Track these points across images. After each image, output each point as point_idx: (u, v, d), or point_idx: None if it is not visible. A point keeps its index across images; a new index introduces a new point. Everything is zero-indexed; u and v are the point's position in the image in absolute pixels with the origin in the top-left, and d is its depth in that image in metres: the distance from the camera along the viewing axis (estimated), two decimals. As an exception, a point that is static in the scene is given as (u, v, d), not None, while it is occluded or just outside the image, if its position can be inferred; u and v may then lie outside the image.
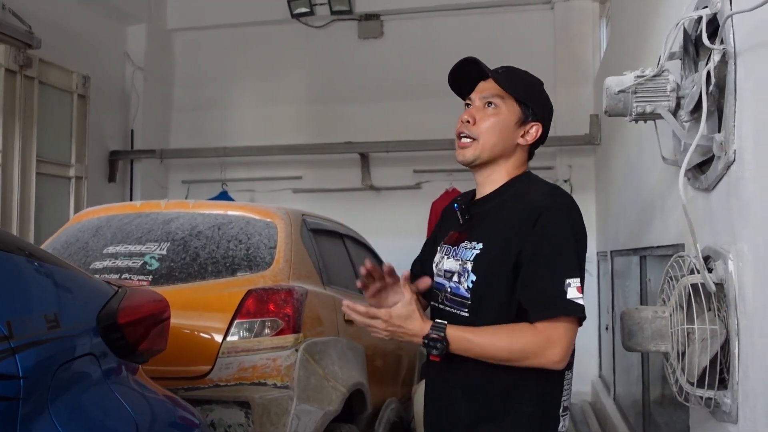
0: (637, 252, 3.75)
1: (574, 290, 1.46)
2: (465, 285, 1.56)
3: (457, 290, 1.59)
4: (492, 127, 1.61)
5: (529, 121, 1.65)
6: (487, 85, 1.65)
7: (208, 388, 2.49)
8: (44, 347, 1.20)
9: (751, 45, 1.67)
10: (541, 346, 1.44)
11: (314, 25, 7.42)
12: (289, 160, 7.25)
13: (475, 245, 1.58)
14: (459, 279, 1.58)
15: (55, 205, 5.82)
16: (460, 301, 1.58)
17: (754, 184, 1.65)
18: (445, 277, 1.64)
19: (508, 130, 1.62)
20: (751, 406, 1.64)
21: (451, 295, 1.60)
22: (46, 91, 5.63)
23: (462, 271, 1.58)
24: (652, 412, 3.62)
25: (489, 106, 1.63)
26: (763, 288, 1.58)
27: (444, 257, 1.66)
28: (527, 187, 1.62)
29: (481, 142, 1.61)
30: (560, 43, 6.81)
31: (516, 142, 1.64)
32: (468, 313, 1.55)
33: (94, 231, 3.15)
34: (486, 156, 1.62)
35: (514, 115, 1.63)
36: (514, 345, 1.45)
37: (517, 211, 1.54)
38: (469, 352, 1.47)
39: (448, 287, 1.62)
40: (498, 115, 1.62)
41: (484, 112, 1.63)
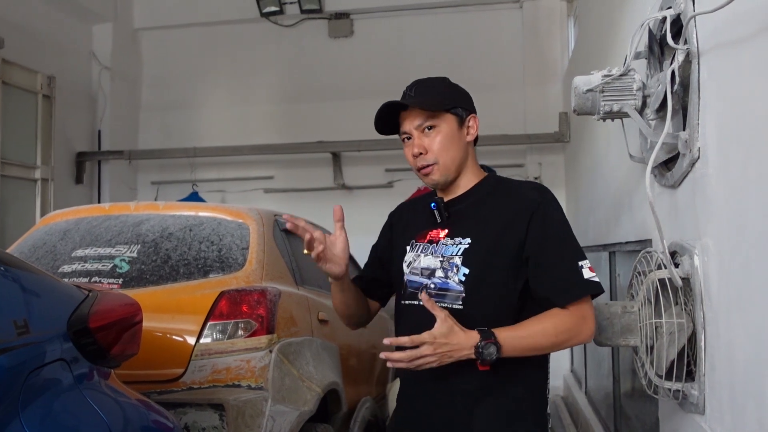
0: (607, 248, 3.81)
1: (588, 270, 1.58)
2: (455, 278, 1.61)
3: (445, 284, 1.63)
4: (443, 146, 1.67)
5: (465, 118, 1.72)
6: (413, 113, 1.68)
7: (182, 391, 2.47)
8: (14, 354, 1.18)
9: (713, 45, 1.71)
10: (579, 325, 1.55)
11: (284, 24, 7.39)
12: (260, 160, 7.21)
13: (461, 240, 1.64)
14: (445, 274, 1.63)
15: (20, 208, 5.71)
16: (452, 295, 1.62)
17: (717, 180, 1.69)
18: (423, 274, 1.68)
19: (456, 139, 1.69)
20: (718, 397, 1.68)
21: (437, 290, 1.64)
22: (9, 92, 5.52)
23: (448, 266, 1.63)
24: (623, 404, 3.68)
25: (428, 130, 1.68)
26: (728, 282, 1.62)
27: (420, 255, 1.70)
28: (506, 184, 1.74)
29: (441, 162, 1.67)
30: (529, 41, 6.88)
31: (465, 143, 1.72)
32: (462, 304, 1.60)
33: (61, 234, 3.10)
34: (453, 170, 1.70)
35: (452, 122, 1.69)
36: (560, 328, 1.54)
37: (507, 206, 1.64)
38: (520, 348, 1.52)
39: (430, 283, 1.65)
40: (441, 133, 1.67)
41: (428, 138, 1.67)
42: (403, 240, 1.79)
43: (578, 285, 1.56)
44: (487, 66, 6.90)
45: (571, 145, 6.13)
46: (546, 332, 1.54)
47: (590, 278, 1.57)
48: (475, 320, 1.55)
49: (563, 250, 1.60)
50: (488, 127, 6.51)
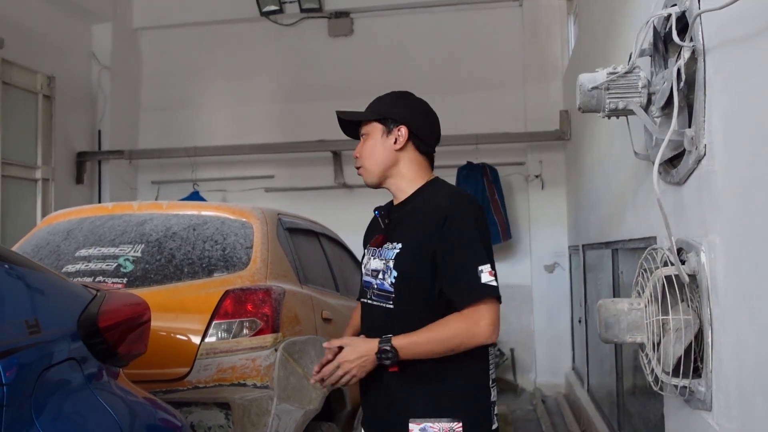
0: (609, 245, 3.81)
1: (486, 275, 1.67)
2: (388, 281, 1.77)
3: (382, 286, 1.80)
4: (366, 152, 1.87)
5: (393, 127, 1.85)
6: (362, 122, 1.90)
7: (187, 390, 2.47)
8: (26, 353, 1.18)
9: (719, 42, 1.71)
10: (470, 328, 1.65)
11: (284, 23, 7.38)
12: (260, 159, 7.21)
13: (396, 245, 1.79)
14: (383, 276, 1.79)
15: (21, 208, 5.71)
16: (385, 295, 1.78)
17: (724, 177, 1.70)
18: (372, 275, 1.85)
19: (379, 145, 1.85)
20: (725, 393, 1.69)
21: (377, 290, 1.82)
22: (10, 92, 5.51)
23: (386, 268, 1.79)
24: (626, 401, 3.69)
25: (363, 137, 1.89)
26: (735, 278, 1.62)
27: (371, 258, 1.87)
28: (434, 192, 1.85)
29: (365, 166, 1.87)
30: (529, 39, 6.89)
31: (393, 150, 1.85)
32: (392, 304, 1.76)
33: (65, 234, 3.09)
34: (376, 173, 1.87)
35: (378, 131, 1.86)
36: (448, 332, 1.66)
37: (426, 214, 1.76)
38: (417, 353, 1.67)
39: (374, 284, 1.83)
40: (368, 140, 1.87)
41: (360, 145, 1.90)
42: (366, 244, 1.97)
43: (474, 289, 1.66)
44: (487, 64, 6.91)
45: (572, 143, 6.13)
46: (439, 338, 1.66)
47: (487, 282, 1.66)
48: (402, 318, 1.73)
49: (464, 255, 1.69)
50: (489, 126, 6.57)
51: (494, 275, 1.68)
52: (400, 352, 1.66)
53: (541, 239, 6.68)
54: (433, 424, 1.67)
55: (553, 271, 6.63)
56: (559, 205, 6.62)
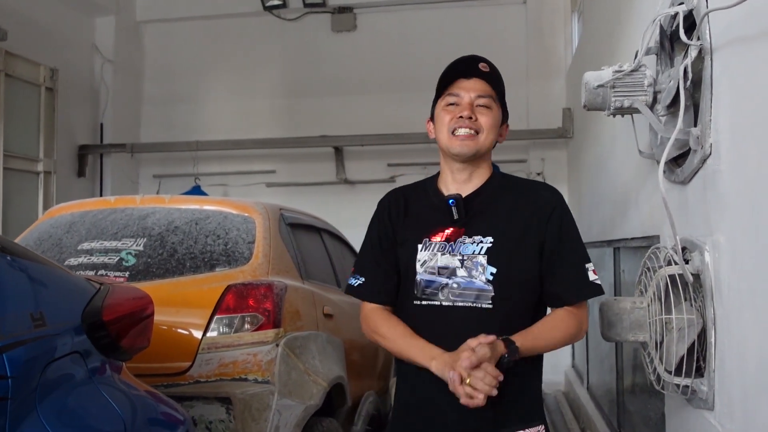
0: (611, 244, 3.81)
1: (592, 273, 1.65)
2: (481, 278, 1.60)
3: (470, 284, 1.61)
4: (491, 126, 1.68)
5: (504, 122, 1.76)
6: (478, 84, 1.69)
7: (189, 384, 2.47)
8: (31, 346, 1.18)
9: (726, 41, 1.71)
10: (579, 325, 1.64)
11: (287, 18, 7.37)
12: (262, 154, 7.21)
13: (482, 239, 1.63)
14: (469, 273, 1.61)
15: (23, 201, 5.71)
16: (478, 294, 1.60)
17: (730, 176, 1.69)
18: (440, 273, 1.63)
19: (497, 130, 1.72)
20: (728, 393, 1.69)
21: (461, 289, 1.61)
22: (12, 84, 5.51)
23: (471, 265, 1.61)
24: (626, 400, 3.69)
25: (481, 107, 1.68)
26: (740, 278, 1.62)
27: (437, 254, 1.65)
28: (515, 182, 1.78)
29: (482, 137, 1.67)
30: (532, 37, 6.88)
31: (496, 140, 1.73)
32: (491, 303, 1.60)
33: (67, 227, 3.09)
34: (483, 150, 1.69)
35: (499, 116, 1.72)
36: (567, 332, 1.62)
37: (524, 205, 1.68)
38: (532, 353, 1.59)
39: (452, 283, 1.61)
40: (492, 115, 1.69)
41: (478, 112, 1.67)
42: (409, 236, 1.71)
43: (585, 287, 1.64)
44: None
45: (575, 141, 6.13)
46: (556, 336, 1.62)
47: (594, 280, 1.65)
48: (503, 319, 1.59)
49: (575, 251, 1.66)
50: (491, 123, 6.55)
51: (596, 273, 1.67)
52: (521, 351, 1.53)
53: (542, 237, 6.67)
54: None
55: (554, 269, 6.63)
56: (560, 203, 6.60)
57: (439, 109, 1.73)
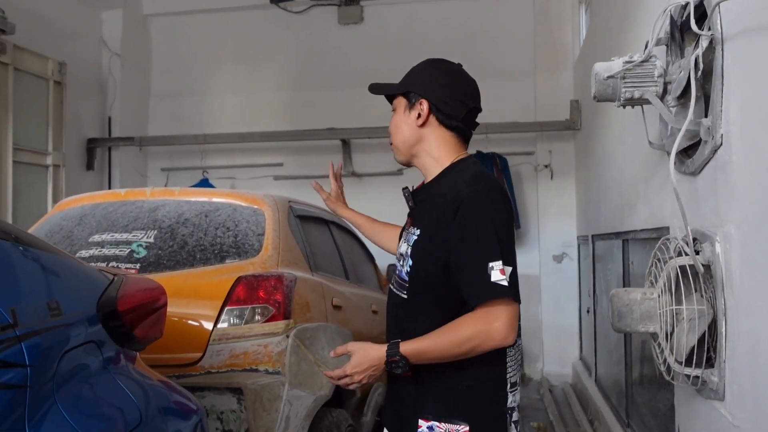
0: (620, 236, 3.81)
1: (498, 273, 1.51)
2: (405, 269, 1.69)
3: (401, 273, 1.71)
4: (392, 127, 1.77)
5: (414, 101, 1.72)
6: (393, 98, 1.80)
7: (200, 375, 2.49)
8: (48, 335, 1.19)
9: (737, 31, 1.70)
10: (485, 329, 1.52)
11: (294, 11, 7.36)
12: (269, 147, 7.21)
13: (416, 231, 1.69)
14: (403, 262, 1.71)
15: (32, 194, 5.74)
16: (401, 284, 1.70)
17: (741, 167, 1.69)
18: (398, 260, 1.76)
19: (403, 122, 1.73)
20: (738, 383, 1.69)
21: (398, 277, 1.74)
22: (21, 78, 5.53)
23: (406, 254, 1.70)
24: (634, 391, 3.70)
25: (392, 113, 1.78)
26: (750, 269, 1.62)
27: (401, 241, 1.78)
28: (457, 175, 1.68)
29: (394, 143, 1.77)
30: (540, 28, 6.85)
31: (416, 126, 1.72)
32: (406, 295, 1.67)
33: (78, 219, 3.11)
34: (402, 151, 1.76)
35: (402, 106, 1.75)
36: (460, 336, 1.53)
37: (444, 200, 1.63)
38: (428, 359, 1.57)
39: (398, 269, 1.74)
40: (395, 116, 1.76)
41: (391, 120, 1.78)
42: None
43: (484, 289, 1.52)
44: (497, 53, 6.87)
45: (582, 133, 6.11)
46: (451, 342, 1.54)
47: (497, 281, 1.51)
48: (413, 310, 1.66)
49: (474, 249, 1.55)
50: (498, 115, 6.54)
51: (507, 272, 1.52)
52: (410, 359, 1.56)
53: (549, 229, 6.68)
54: (440, 424, 1.60)
55: (562, 261, 6.63)
56: (568, 195, 6.60)
57: None
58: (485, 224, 1.55)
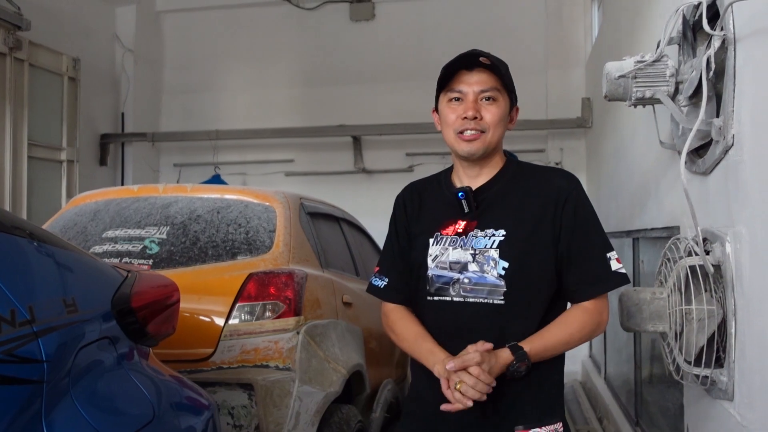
0: (630, 234, 3.80)
1: (615, 262, 1.57)
2: (493, 273, 1.55)
3: (482, 279, 1.56)
4: (498, 121, 1.61)
5: (514, 106, 1.69)
6: (480, 77, 1.61)
7: (211, 370, 2.52)
8: (64, 331, 1.22)
9: (750, 32, 1.70)
10: (596, 320, 1.57)
11: (306, 7, 7.38)
12: (281, 144, 7.24)
13: (494, 232, 1.58)
14: (481, 267, 1.56)
15: (46, 189, 5.80)
16: (490, 289, 1.56)
17: (752, 168, 1.69)
18: (452, 268, 1.60)
19: (505, 121, 1.65)
20: (748, 383, 1.69)
21: (473, 284, 1.57)
22: (36, 74, 5.58)
23: (483, 259, 1.56)
24: (644, 390, 3.70)
25: (486, 101, 1.61)
26: (761, 269, 1.62)
27: (448, 248, 1.61)
28: (530, 171, 1.69)
29: (489, 135, 1.61)
30: (551, 26, 6.83)
31: (505, 128, 1.67)
32: (503, 299, 1.55)
33: (92, 215, 3.15)
34: (492, 147, 1.63)
35: (507, 106, 1.65)
36: (583, 332, 1.56)
37: (537, 195, 1.60)
38: (543, 357, 1.54)
39: (463, 278, 1.58)
40: (499, 108, 1.62)
41: (484, 106, 1.61)
42: (422, 230, 1.70)
43: (606, 278, 1.57)
44: (509, 50, 6.76)
45: (593, 131, 6.09)
46: (570, 339, 1.56)
47: (617, 270, 1.57)
48: (515, 315, 1.55)
49: (593, 241, 1.58)
50: (510, 112, 6.53)
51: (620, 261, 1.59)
52: (531, 359, 1.50)
53: (560, 227, 6.66)
54: (540, 429, 1.55)
55: (572, 259, 6.61)
56: (579, 192, 6.58)
57: (442, 105, 1.67)
58: (595, 216, 1.62)
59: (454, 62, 1.62)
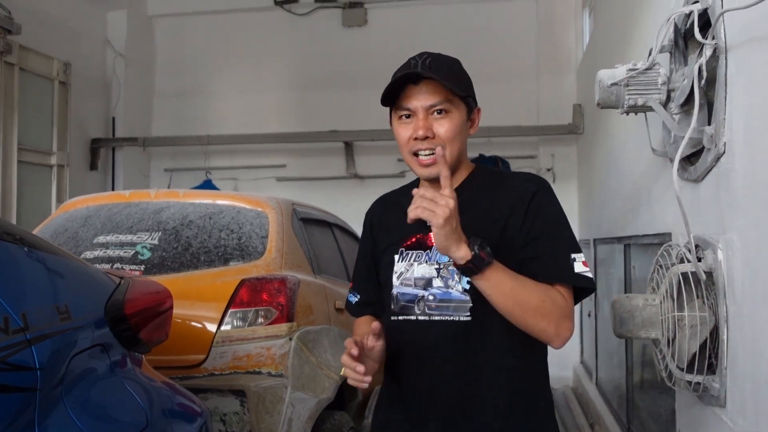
0: (622, 240, 3.82)
1: (580, 264, 1.42)
2: (458, 287, 1.44)
3: (447, 295, 1.45)
4: (453, 136, 1.47)
5: (473, 110, 1.54)
6: (426, 89, 1.46)
7: (203, 377, 2.51)
8: (57, 339, 1.21)
9: (742, 41, 1.72)
10: (563, 313, 1.38)
11: (298, 13, 7.38)
12: (272, 149, 7.23)
13: None
14: (445, 282, 1.45)
15: (36, 194, 5.76)
16: (456, 306, 1.44)
17: (744, 175, 1.70)
18: (417, 285, 1.49)
19: (464, 131, 1.51)
20: (740, 390, 1.70)
21: (438, 302, 1.46)
22: (26, 78, 5.56)
23: (448, 273, 1.46)
24: (635, 396, 3.71)
25: (438, 114, 1.46)
26: (753, 276, 1.63)
27: (413, 264, 1.51)
28: (498, 177, 1.58)
29: (447, 153, 1.45)
30: (543, 32, 6.87)
31: (467, 137, 1.54)
32: (470, 315, 1.43)
33: (83, 220, 3.13)
34: (453, 164, 1.49)
35: (463, 113, 1.50)
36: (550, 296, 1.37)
37: (503, 200, 1.48)
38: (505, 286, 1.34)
39: (428, 295, 1.47)
40: (452, 121, 1.46)
41: (436, 122, 1.46)
42: (387, 245, 1.59)
43: (567, 277, 1.41)
44: (500, 56, 6.89)
45: (585, 137, 6.12)
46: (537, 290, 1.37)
47: (581, 272, 1.42)
48: (484, 332, 1.43)
49: (556, 242, 1.44)
50: (501, 118, 6.56)
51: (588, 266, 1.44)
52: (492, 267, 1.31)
53: (551, 232, 6.68)
54: None
55: (563, 265, 6.64)
56: (570, 198, 6.61)
57: (394, 122, 1.53)
58: (562, 217, 1.49)
59: (400, 72, 1.48)
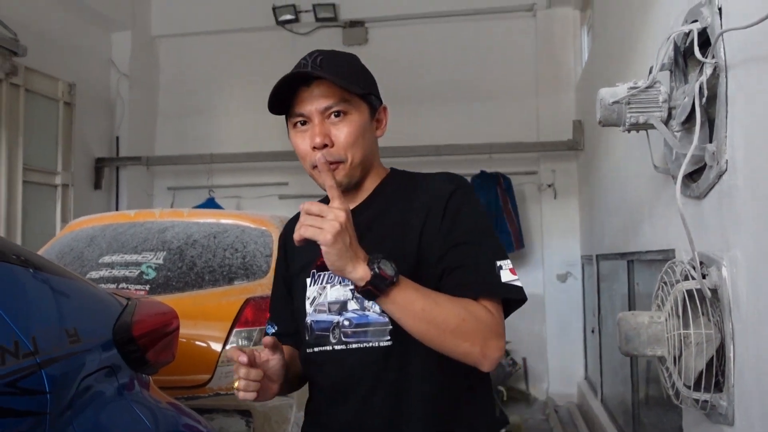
0: (625, 257, 3.82)
1: (508, 272, 1.25)
2: (375, 308, 1.25)
3: (363, 318, 1.27)
4: (355, 140, 1.29)
5: (378, 108, 1.39)
6: (319, 91, 1.29)
7: (209, 397, 2.51)
8: (66, 362, 1.21)
9: (742, 59, 1.73)
10: (490, 331, 1.18)
11: (299, 32, 7.44)
12: (275, 167, 7.25)
13: None
14: (361, 305, 1.27)
15: (41, 214, 5.78)
16: (375, 329, 1.26)
17: (746, 192, 1.71)
18: (331, 310, 1.31)
19: (368, 133, 1.34)
20: (747, 407, 1.70)
21: (354, 327, 1.28)
22: (32, 99, 5.60)
23: None
24: (641, 413, 3.69)
25: (335, 117, 1.29)
26: (757, 293, 1.64)
27: (326, 287, 1.32)
28: (413, 180, 1.39)
29: (350, 160, 1.30)
30: (542, 49, 6.91)
31: (375, 138, 1.38)
32: (390, 339, 1.25)
33: (88, 240, 3.15)
34: (359, 172, 1.33)
35: (365, 113, 1.33)
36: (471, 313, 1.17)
37: (419, 206, 1.31)
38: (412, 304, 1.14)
39: (342, 321, 1.29)
40: (352, 123, 1.29)
41: (334, 127, 1.29)
42: (300, 268, 1.40)
43: (494, 288, 1.23)
44: (500, 74, 6.93)
45: (585, 153, 6.14)
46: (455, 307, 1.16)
47: (509, 281, 1.23)
48: (410, 355, 1.25)
49: (479, 248, 1.25)
50: (502, 135, 6.60)
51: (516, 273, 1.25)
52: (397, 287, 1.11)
53: (553, 248, 6.69)
54: None
55: (566, 281, 6.63)
56: (571, 214, 6.62)
57: (290, 132, 1.36)
58: (483, 220, 1.30)
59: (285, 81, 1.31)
